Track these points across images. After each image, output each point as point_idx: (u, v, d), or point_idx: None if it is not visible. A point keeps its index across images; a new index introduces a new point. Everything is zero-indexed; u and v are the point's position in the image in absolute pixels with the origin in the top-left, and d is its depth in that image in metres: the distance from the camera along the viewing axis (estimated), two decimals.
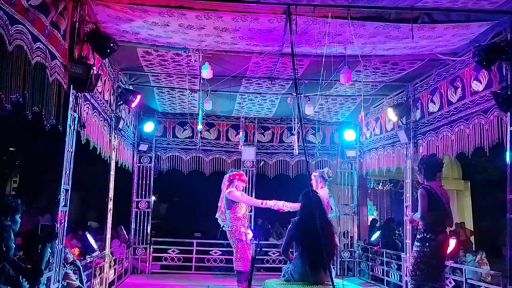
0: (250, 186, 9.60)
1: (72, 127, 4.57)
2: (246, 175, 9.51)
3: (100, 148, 6.08)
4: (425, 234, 4.93)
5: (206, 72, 6.01)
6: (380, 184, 14.38)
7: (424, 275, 4.90)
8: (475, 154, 5.62)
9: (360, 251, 9.46)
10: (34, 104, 3.66)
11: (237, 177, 6.74)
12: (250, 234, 6.71)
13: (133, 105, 7.20)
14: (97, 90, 5.50)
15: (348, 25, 4.83)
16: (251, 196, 9.32)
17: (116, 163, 7.45)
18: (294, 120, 8.45)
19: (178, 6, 4.64)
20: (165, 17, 4.86)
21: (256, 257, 8.97)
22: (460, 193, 13.51)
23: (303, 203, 4.90)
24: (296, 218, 4.91)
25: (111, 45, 4.84)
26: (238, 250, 6.47)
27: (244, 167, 9.65)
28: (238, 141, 9.42)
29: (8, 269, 3.35)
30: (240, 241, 6.49)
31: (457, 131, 5.87)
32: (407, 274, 5.23)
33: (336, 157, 9.86)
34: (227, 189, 6.69)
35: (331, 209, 6.79)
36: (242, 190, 6.88)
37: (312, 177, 6.64)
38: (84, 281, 5.44)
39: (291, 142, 9.46)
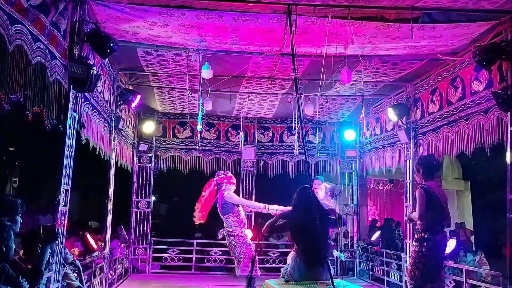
0: (250, 186, 9.62)
1: (72, 127, 4.57)
2: (246, 175, 9.58)
3: (100, 148, 6.08)
4: (423, 234, 4.93)
5: (206, 72, 6.01)
6: (380, 184, 14.37)
7: (423, 275, 4.89)
8: (475, 154, 5.62)
9: (360, 251, 9.46)
10: (35, 104, 3.66)
11: (225, 180, 6.51)
12: (250, 234, 6.65)
13: (133, 105, 7.20)
14: (97, 90, 5.50)
15: (348, 25, 4.83)
16: (251, 197, 9.38)
17: (116, 163, 7.44)
18: (294, 120, 8.45)
19: (178, 6, 4.64)
20: (165, 17, 4.86)
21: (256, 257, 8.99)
22: (460, 193, 13.50)
23: (300, 198, 4.78)
24: (292, 212, 4.85)
25: (111, 45, 4.83)
26: (247, 255, 6.22)
27: (244, 167, 9.66)
28: (238, 141, 9.42)
29: (8, 269, 3.34)
30: (248, 246, 6.30)
31: (457, 131, 5.86)
32: (406, 274, 5.24)
33: (336, 157, 9.88)
34: (215, 193, 6.50)
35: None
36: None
37: (322, 186, 6.60)
38: (84, 281, 5.44)
39: (291, 142, 9.46)
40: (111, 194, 7.18)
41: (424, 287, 4.92)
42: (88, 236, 7.28)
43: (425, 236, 4.91)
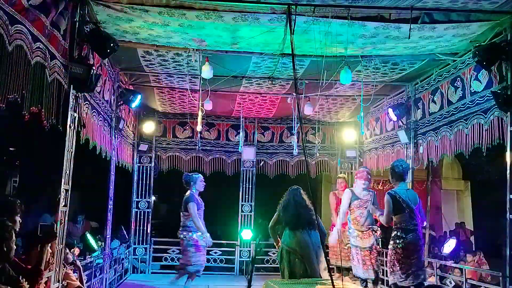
0: (250, 186, 9.63)
1: (72, 127, 4.57)
2: (246, 175, 9.60)
3: (100, 148, 6.08)
4: (396, 232, 5.44)
5: (207, 72, 6.01)
6: (380, 184, 14.36)
7: (402, 271, 5.23)
8: (475, 154, 5.62)
9: None
10: (33, 104, 3.65)
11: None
12: (250, 234, 6.72)
13: (133, 105, 7.21)
14: (97, 90, 5.50)
15: (348, 25, 4.83)
16: (251, 197, 9.50)
17: (117, 163, 7.44)
18: (294, 120, 8.44)
19: (178, 6, 4.64)
20: (165, 17, 4.86)
21: (256, 257, 8.99)
22: (460, 193, 13.49)
23: (290, 200, 5.25)
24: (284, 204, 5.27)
25: (111, 45, 4.84)
26: None
27: (244, 167, 9.66)
28: (238, 141, 9.42)
29: (8, 269, 3.34)
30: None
31: (457, 131, 5.86)
32: (388, 271, 5.49)
33: (336, 157, 9.88)
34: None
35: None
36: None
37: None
38: (84, 281, 5.45)
39: (291, 142, 9.46)
40: (111, 194, 7.18)
41: (403, 283, 5.15)
42: (89, 235, 7.28)
43: (398, 234, 5.38)
